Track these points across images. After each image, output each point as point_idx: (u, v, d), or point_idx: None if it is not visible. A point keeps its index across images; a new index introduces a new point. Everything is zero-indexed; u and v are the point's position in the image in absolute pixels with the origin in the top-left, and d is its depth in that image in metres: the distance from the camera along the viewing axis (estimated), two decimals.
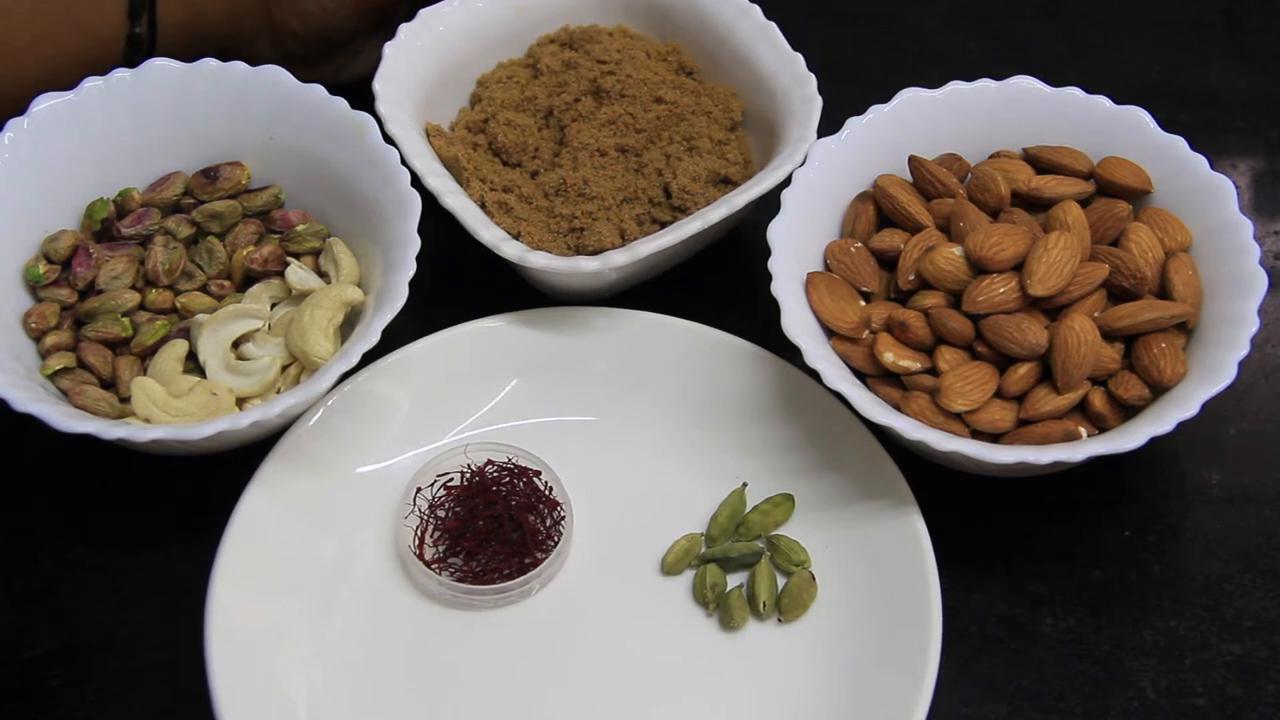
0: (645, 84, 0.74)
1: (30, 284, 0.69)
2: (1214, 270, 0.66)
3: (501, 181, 0.73)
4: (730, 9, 0.75)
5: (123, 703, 0.63)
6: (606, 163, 0.72)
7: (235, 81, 0.71)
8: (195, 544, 0.64)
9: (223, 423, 0.62)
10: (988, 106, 0.72)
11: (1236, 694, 0.63)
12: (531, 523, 0.66)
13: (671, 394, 0.70)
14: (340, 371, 0.63)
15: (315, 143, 0.71)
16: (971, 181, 0.70)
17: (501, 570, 0.65)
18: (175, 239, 0.71)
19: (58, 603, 0.66)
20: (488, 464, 0.68)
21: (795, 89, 0.72)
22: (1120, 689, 0.63)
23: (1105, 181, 0.70)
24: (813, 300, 0.67)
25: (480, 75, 0.78)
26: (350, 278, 0.69)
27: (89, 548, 0.67)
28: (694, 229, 0.68)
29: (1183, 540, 0.68)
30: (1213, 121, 0.82)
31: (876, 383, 0.66)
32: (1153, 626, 0.65)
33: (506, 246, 0.68)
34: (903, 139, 0.72)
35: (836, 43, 0.85)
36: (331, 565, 0.65)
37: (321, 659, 0.63)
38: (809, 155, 0.70)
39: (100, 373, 0.68)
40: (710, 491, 0.68)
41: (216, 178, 0.72)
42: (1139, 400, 0.64)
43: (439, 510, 0.67)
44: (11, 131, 0.68)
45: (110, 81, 0.70)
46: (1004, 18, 0.88)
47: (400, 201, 0.67)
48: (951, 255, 0.66)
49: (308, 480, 0.66)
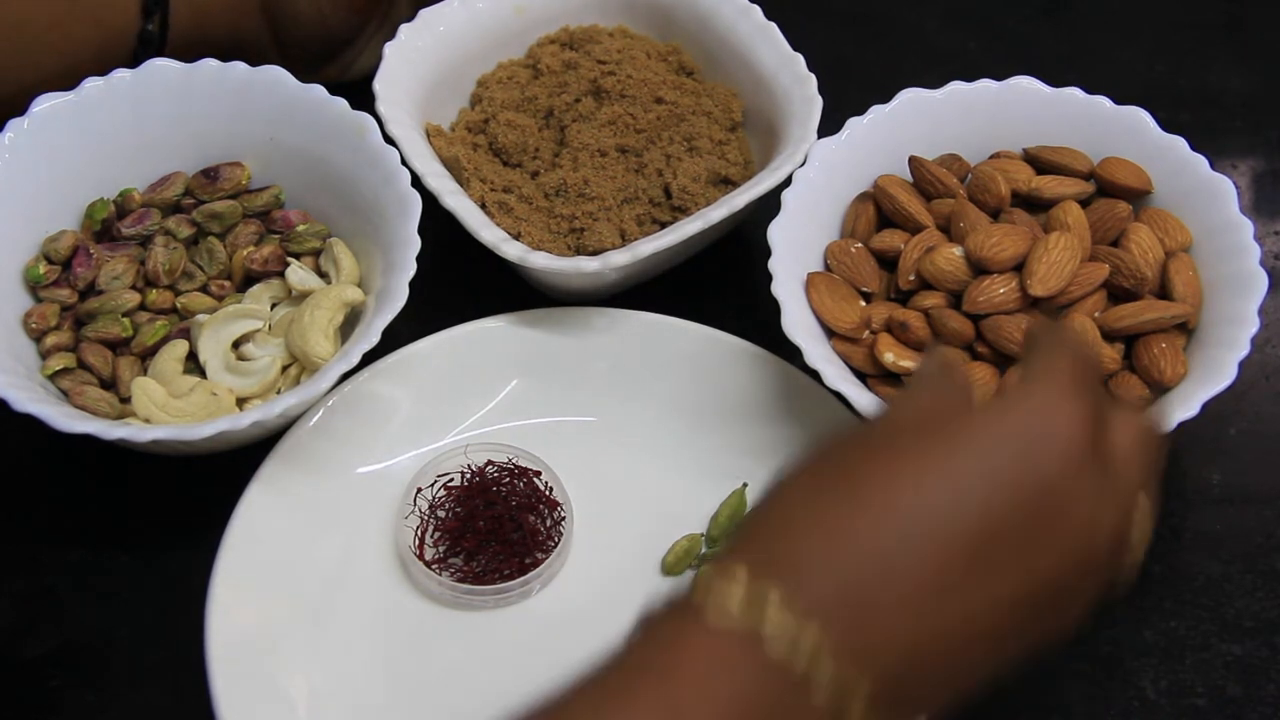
0: (645, 84, 0.74)
1: (30, 284, 0.69)
2: (1214, 270, 0.66)
3: (502, 182, 0.73)
4: (730, 9, 0.75)
5: (123, 703, 0.63)
6: (607, 163, 0.72)
7: (235, 82, 0.71)
8: (195, 544, 0.64)
9: (223, 423, 0.62)
10: (988, 106, 0.72)
11: (1236, 694, 0.63)
12: (532, 523, 0.66)
13: (672, 394, 0.70)
14: (340, 372, 0.63)
15: (316, 143, 0.71)
16: (972, 182, 0.70)
17: (502, 570, 0.65)
18: (175, 239, 0.71)
19: (58, 603, 0.66)
20: (488, 464, 0.68)
21: (795, 89, 0.72)
22: (1120, 689, 0.63)
23: (1105, 182, 0.70)
24: (813, 300, 0.67)
25: (480, 75, 0.78)
26: (350, 278, 0.69)
27: (89, 548, 0.67)
28: (694, 229, 0.68)
29: (1183, 540, 0.68)
30: (1213, 121, 0.82)
31: (877, 383, 0.66)
32: (1153, 626, 0.65)
33: (507, 247, 0.68)
34: (903, 139, 0.71)
35: (836, 43, 0.85)
36: (331, 565, 0.65)
37: (321, 659, 0.63)
38: (809, 155, 0.70)
39: (100, 373, 0.68)
40: (710, 491, 0.68)
41: (217, 178, 0.72)
42: (1139, 401, 0.64)
43: (439, 510, 0.67)
44: (11, 131, 0.69)
45: (110, 81, 0.70)
46: (1004, 18, 0.88)
47: (400, 202, 0.67)
48: (951, 255, 0.66)
49: (308, 480, 0.66)
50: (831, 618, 0.42)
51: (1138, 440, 0.49)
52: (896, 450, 0.46)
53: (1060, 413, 0.46)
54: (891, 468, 0.45)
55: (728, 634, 0.42)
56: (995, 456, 0.45)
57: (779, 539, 0.44)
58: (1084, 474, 0.46)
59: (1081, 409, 0.46)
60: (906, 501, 0.44)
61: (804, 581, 0.43)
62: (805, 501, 0.45)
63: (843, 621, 0.42)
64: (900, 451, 0.46)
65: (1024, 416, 0.46)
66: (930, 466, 0.45)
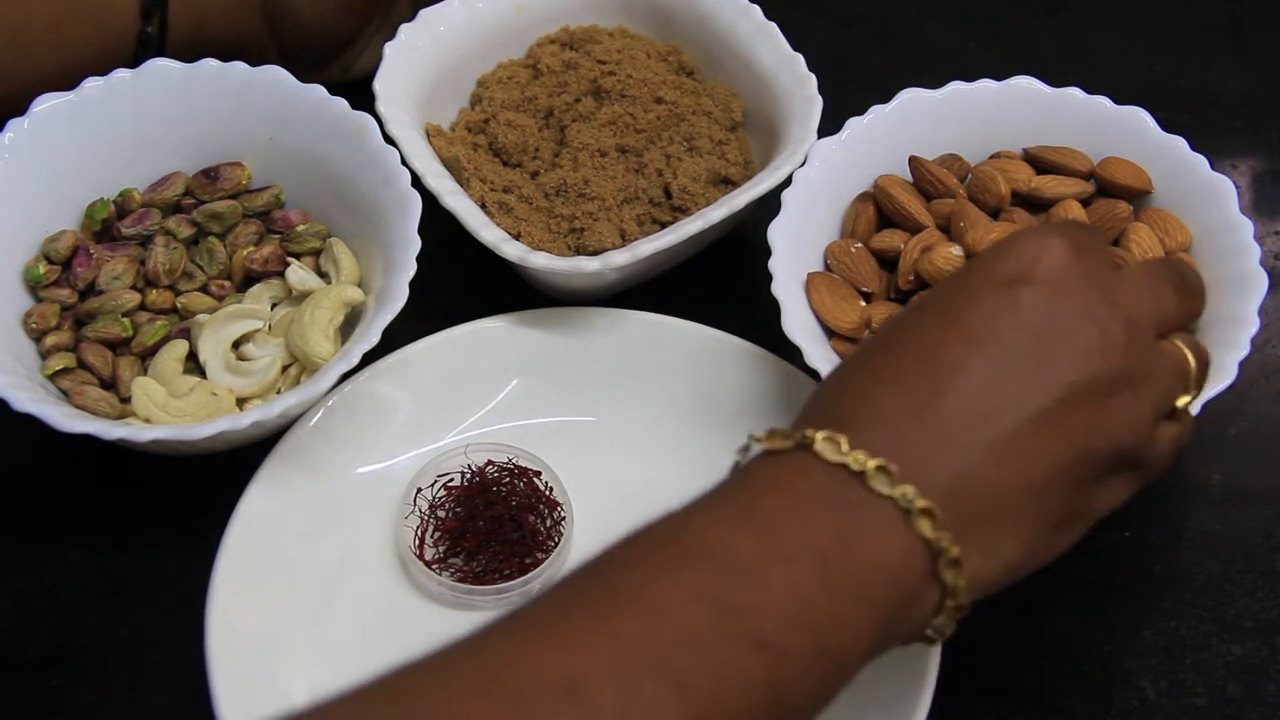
0: (645, 84, 0.74)
1: (30, 284, 0.69)
2: (1214, 270, 0.66)
3: (502, 182, 0.73)
4: (730, 9, 0.75)
5: (123, 703, 0.63)
6: (607, 163, 0.72)
7: (236, 82, 0.71)
8: (195, 544, 0.64)
9: (223, 423, 0.62)
10: (988, 107, 0.72)
11: (1236, 694, 0.63)
12: (532, 523, 0.66)
13: (672, 394, 0.70)
14: (340, 372, 0.63)
15: (316, 143, 0.71)
16: (972, 182, 0.70)
17: (502, 570, 0.65)
18: (175, 239, 0.71)
19: (58, 603, 0.66)
20: (488, 464, 0.68)
21: (795, 89, 0.72)
22: (1120, 689, 0.63)
23: (1105, 182, 0.70)
24: (813, 300, 0.67)
25: (480, 75, 0.78)
26: (350, 278, 0.69)
27: (89, 548, 0.67)
28: (694, 229, 0.68)
29: (1183, 540, 0.68)
30: (1213, 121, 0.82)
31: None
32: (1153, 626, 0.65)
33: (507, 247, 0.68)
34: (903, 139, 0.71)
35: (836, 43, 0.85)
36: (331, 565, 0.65)
37: (321, 659, 0.63)
38: (809, 155, 0.70)
39: (100, 373, 0.68)
40: None
41: (217, 178, 0.72)
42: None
43: (439, 510, 0.67)
44: (11, 131, 0.69)
45: (110, 81, 0.70)
46: (1004, 18, 0.88)
47: (400, 202, 0.67)
48: (950, 255, 0.66)
49: (308, 480, 0.66)
50: (921, 478, 0.47)
51: (1147, 273, 0.54)
52: (950, 329, 0.50)
53: (1036, 244, 0.51)
54: (952, 354, 0.50)
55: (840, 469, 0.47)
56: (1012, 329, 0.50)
57: (876, 418, 0.49)
58: (1073, 294, 0.50)
59: (1063, 241, 0.51)
60: (965, 384, 0.49)
61: (905, 462, 0.47)
62: (889, 377, 0.50)
63: (926, 479, 0.47)
64: (946, 336, 0.50)
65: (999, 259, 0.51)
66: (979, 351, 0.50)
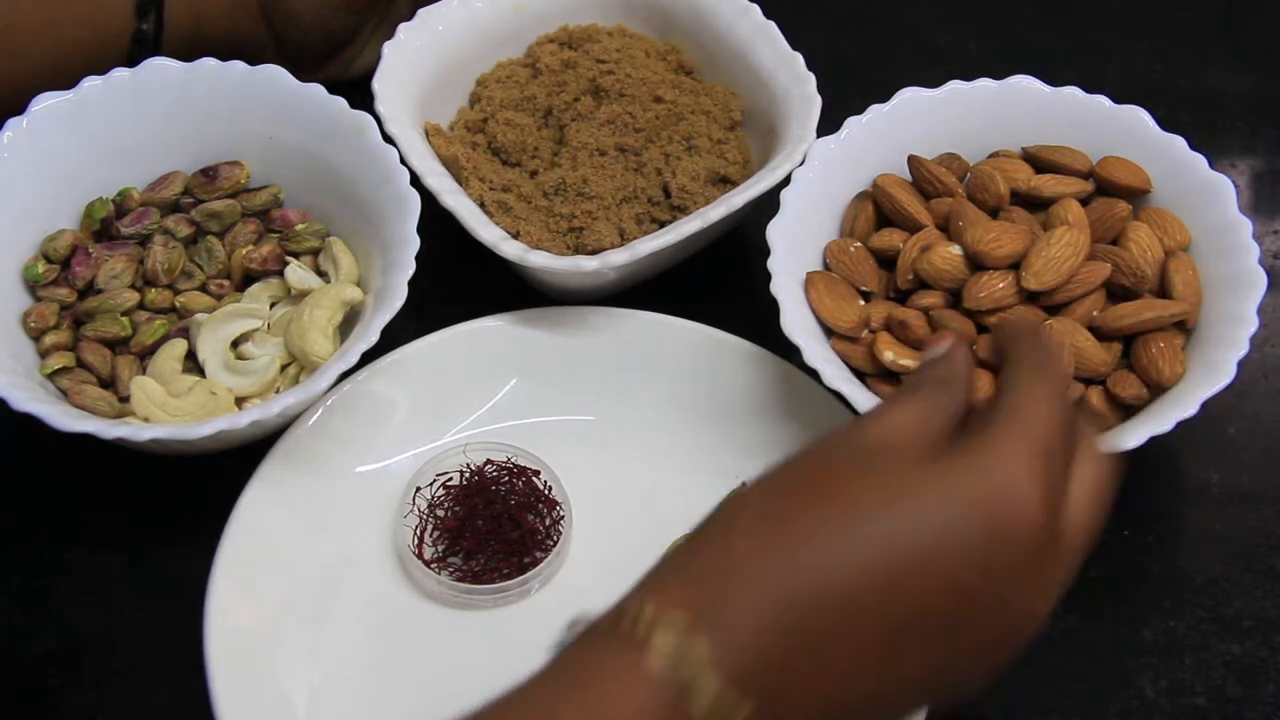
0: (644, 83, 0.74)
1: (29, 283, 0.69)
2: (1213, 270, 0.66)
3: (501, 181, 0.73)
4: (729, 8, 0.75)
5: (123, 703, 0.63)
6: (606, 162, 0.72)
7: (234, 81, 0.71)
8: (195, 544, 0.64)
9: (222, 422, 0.62)
10: (987, 106, 0.72)
11: (1236, 694, 0.63)
12: (531, 522, 0.66)
13: (671, 394, 0.70)
14: (339, 371, 0.63)
15: (314, 142, 0.71)
16: (971, 181, 0.70)
17: (501, 570, 0.65)
18: (174, 238, 0.71)
19: (57, 602, 0.66)
20: (487, 463, 0.68)
21: (794, 88, 0.72)
22: (1120, 689, 0.63)
23: (1105, 181, 0.70)
24: (812, 300, 0.67)
25: (479, 75, 0.78)
26: (350, 277, 0.69)
27: (88, 547, 0.67)
28: (693, 228, 0.68)
29: (1183, 540, 0.68)
30: (1213, 121, 0.82)
31: (876, 382, 0.66)
32: (1152, 626, 0.65)
33: (506, 246, 0.68)
34: (902, 139, 0.71)
35: (836, 42, 0.85)
36: (331, 565, 0.65)
37: (321, 659, 0.63)
38: (808, 155, 0.70)
39: (99, 372, 0.68)
40: (710, 491, 0.67)
41: (216, 177, 0.72)
42: (1137, 400, 0.64)
43: (438, 510, 0.67)
44: (11, 131, 0.69)
45: (110, 81, 0.70)
46: (1004, 18, 0.88)
47: (399, 201, 0.67)
48: (948, 254, 0.66)
49: (307, 480, 0.66)
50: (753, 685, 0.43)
51: (1094, 498, 0.47)
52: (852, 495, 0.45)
53: (1019, 493, 0.44)
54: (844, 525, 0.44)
55: (659, 682, 0.42)
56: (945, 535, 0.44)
57: (721, 585, 0.44)
58: (1030, 565, 0.45)
59: (1041, 489, 0.45)
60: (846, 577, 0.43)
61: (735, 642, 0.43)
62: (752, 546, 0.44)
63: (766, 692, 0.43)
64: (854, 501, 0.45)
65: (981, 495, 0.44)
66: (876, 535, 0.44)
